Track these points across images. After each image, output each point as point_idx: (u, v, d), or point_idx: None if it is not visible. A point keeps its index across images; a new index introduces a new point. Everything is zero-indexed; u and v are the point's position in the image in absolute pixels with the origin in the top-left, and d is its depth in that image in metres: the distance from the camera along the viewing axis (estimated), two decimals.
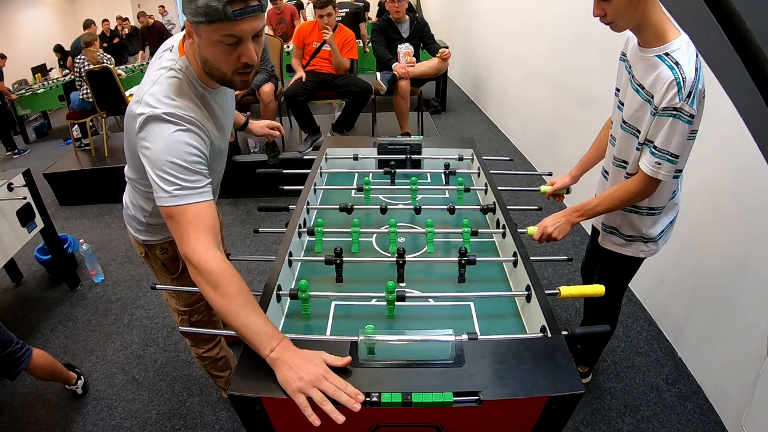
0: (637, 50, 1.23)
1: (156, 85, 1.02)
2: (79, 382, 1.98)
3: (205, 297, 0.97)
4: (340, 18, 4.03)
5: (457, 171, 1.87)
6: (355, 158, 2.04)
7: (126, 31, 7.87)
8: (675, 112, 1.12)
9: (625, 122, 1.31)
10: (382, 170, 1.97)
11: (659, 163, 1.19)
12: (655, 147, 1.19)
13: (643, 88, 1.22)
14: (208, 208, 1.01)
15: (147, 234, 1.37)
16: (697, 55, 1.10)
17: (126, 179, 1.31)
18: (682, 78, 1.10)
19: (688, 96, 1.11)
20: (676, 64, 1.11)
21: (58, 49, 7.22)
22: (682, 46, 1.13)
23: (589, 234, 1.78)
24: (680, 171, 1.27)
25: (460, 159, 2.04)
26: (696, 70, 1.11)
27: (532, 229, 1.46)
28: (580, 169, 1.69)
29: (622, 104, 1.32)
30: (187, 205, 0.98)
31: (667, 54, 1.14)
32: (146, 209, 1.30)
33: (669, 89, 1.12)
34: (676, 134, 1.14)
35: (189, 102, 1.04)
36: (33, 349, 1.76)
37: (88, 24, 5.41)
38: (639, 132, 1.26)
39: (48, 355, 1.83)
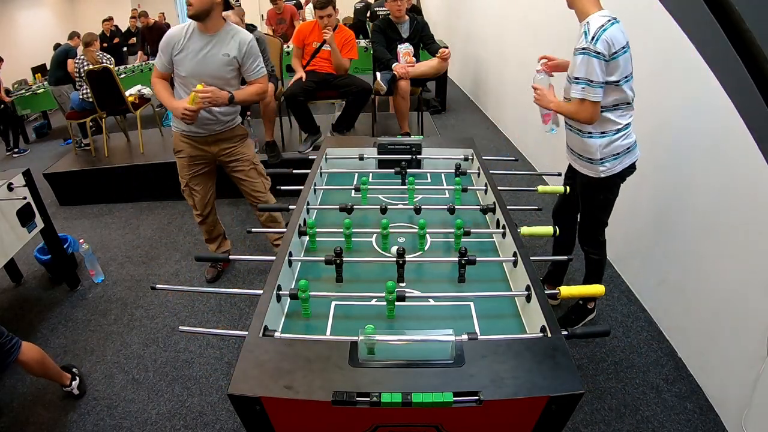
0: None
1: None
2: (74, 383, 1.95)
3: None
4: (360, 6, 4.03)
5: (467, 171, 1.89)
6: (361, 158, 2.04)
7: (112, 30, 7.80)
8: (583, 50, 1.57)
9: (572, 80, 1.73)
10: (383, 170, 1.97)
11: (583, 89, 1.59)
12: (576, 78, 1.61)
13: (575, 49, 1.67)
14: None
15: None
16: (610, 21, 1.55)
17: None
18: (588, 29, 1.56)
19: (593, 38, 1.54)
20: (587, 23, 1.59)
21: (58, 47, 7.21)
22: (592, 17, 1.59)
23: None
24: (624, 105, 1.70)
25: (466, 159, 2.05)
26: (600, 28, 1.54)
27: (525, 230, 1.46)
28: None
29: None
30: None
31: (584, 23, 1.62)
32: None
33: (580, 38, 1.59)
34: (588, 65, 1.56)
35: None
36: (22, 341, 1.75)
37: (71, 36, 5.41)
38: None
39: (36, 347, 1.81)
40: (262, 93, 2.25)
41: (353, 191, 1.80)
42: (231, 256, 1.53)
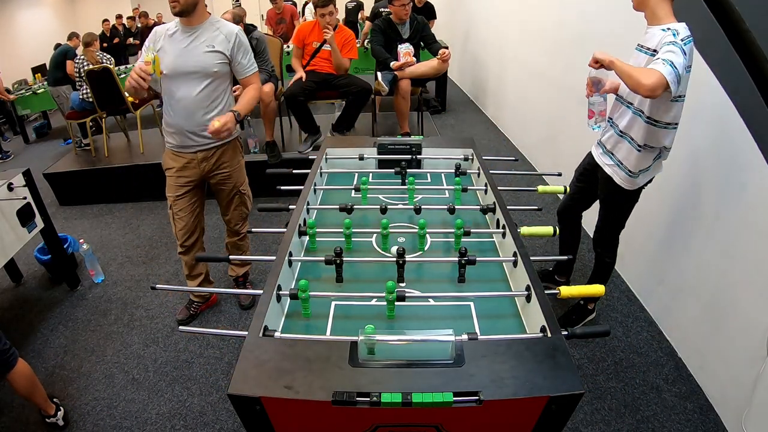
0: (645, 29, 1.63)
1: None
2: (59, 413, 1.85)
3: None
4: (352, 6, 4.05)
5: (467, 171, 1.89)
6: (361, 158, 2.04)
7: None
8: (673, 43, 1.45)
9: None
10: (383, 170, 1.97)
11: (663, 63, 1.42)
12: (660, 57, 1.45)
13: (644, 47, 1.61)
14: None
15: None
16: (691, 37, 1.49)
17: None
18: (678, 32, 1.48)
19: (681, 40, 1.46)
20: (674, 30, 1.49)
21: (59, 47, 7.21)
22: (677, 25, 1.52)
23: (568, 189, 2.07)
24: (674, 125, 1.64)
25: (466, 159, 2.05)
26: (689, 37, 1.48)
27: (525, 230, 1.46)
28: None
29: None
30: None
31: (667, 27, 1.52)
32: None
33: (666, 36, 1.48)
34: (676, 55, 1.43)
35: None
36: (19, 356, 1.70)
37: (70, 37, 5.39)
38: None
39: (30, 367, 1.74)
40: (258, 95, 2.07)
41: (353, 191, 1.80)
42: (231, 256, 1.53)
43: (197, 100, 1.95)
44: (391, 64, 3.35)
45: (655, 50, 1.52)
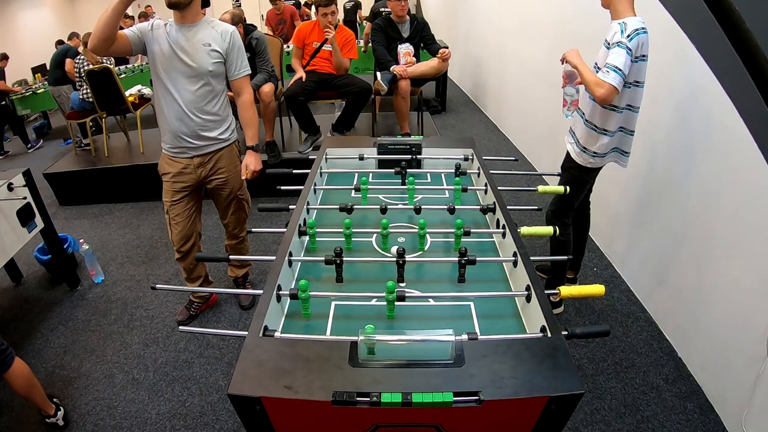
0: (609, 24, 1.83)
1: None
2: (59, 413, 1.85)
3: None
4: (350, 5, 4.07)
5: (467, 171, 1.90)
6: (361, 158, 2.04)
7: None
8: (618, 43, 1.70)
9: (597, 67, 1.85)
10: (383, 170, 1.97)
11: (608, 72, 1.69)
12: (606, 64, 1.72)
13: (606, 41, 1.80)
14: None
15: None
16: (644, 29, 1.70)
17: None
18: (625, 28, 1.70)
19: (628, 36, 1.68)
20: (624, 23, 1.72)
21: (60, 44, 7.21)
22: (630, 19, 1.73)
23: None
24: (635, 108, 1.87)
25: (466, 159, 2.04)
26: (636, 30, 1.68)
27: (525, 230, 1.46)
28: None
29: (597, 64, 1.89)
30: None
31: (621, 22, 1.74)
32: None
33: (615, 33, 1.72)
34: (619, 56, 1.68)
35: None
36: (15, 356, 1.70)
37: (71, 37, 5.38)
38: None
39: (27, 366, 1.74)
40: (253, 104, 2.10)
41: (353, 191, 1.79)
42: (231, 256, 1.53)
43: (192, 100, 1.92)
44: (391, 68, 3.35)
45: (609, 42, 1.76)
